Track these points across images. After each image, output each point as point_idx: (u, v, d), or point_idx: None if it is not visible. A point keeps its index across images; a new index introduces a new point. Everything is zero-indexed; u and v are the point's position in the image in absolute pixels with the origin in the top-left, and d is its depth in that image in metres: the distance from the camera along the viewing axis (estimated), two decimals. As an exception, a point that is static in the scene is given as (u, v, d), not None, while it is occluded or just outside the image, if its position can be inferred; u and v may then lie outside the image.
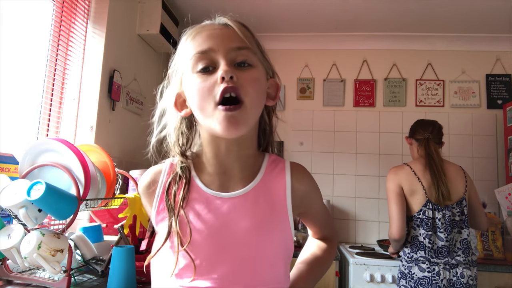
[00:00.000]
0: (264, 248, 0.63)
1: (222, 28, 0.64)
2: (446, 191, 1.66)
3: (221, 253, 0.61)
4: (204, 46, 0.61)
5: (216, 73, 0.60)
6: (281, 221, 0.65)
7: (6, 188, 0.98)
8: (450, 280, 1.62)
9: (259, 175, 0.68)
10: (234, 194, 0.65)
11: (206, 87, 0.60)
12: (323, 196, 2.55)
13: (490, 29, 2.51)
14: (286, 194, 0.67)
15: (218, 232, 0.62)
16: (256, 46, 0.66)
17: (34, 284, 1.04)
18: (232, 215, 0.63)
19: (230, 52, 0.61)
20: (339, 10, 2.36)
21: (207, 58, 0.61)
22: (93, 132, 1.74)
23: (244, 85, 0.60)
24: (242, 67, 0.62)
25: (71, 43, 1.71)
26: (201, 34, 0.63)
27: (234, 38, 0.63)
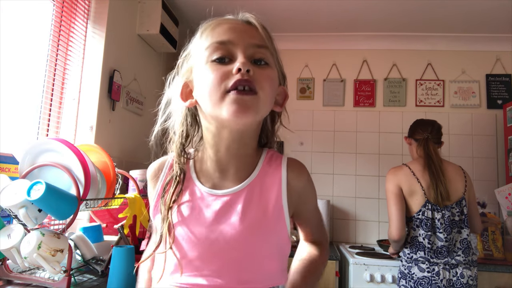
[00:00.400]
0: (256, 246, 0.62)
1: (244, 24, 0.63)
2: (445, 191, 1.66)
3: (212, 251, 0.61)
4: (223, 37, 0.61)
5: (232, 64, 0.59)
6: (276, 218, 0.64)
7: (6, 188, 0.98)
8: (450, 280, 1.62)
9: (255, 172, 0.67)
10: (227, 192, 0.64)
11: (219, 76, 0.58)
12: (323, 196, 2.54)
13: (490, 29, 2.51)
14: (281, 191, 0.65)
15: (209, 229, 0.62)
16: (274, 50, 0.66)
17: (34, 284, 1.04)
18: (224, 212, 0.62)
19: (249, 48, 0.61)
20: (339, 10, 2.36)
21: (225, 49, 0.60)
22: (93, 132, 1.74)
23: (260, 80, 0.59)
24: (259, 65, 0.61)
25: (71, 43, 1.71)
26: (222, 26, 0.63)
27: (255, 35, 0.62)
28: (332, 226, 2.58)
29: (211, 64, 0.60)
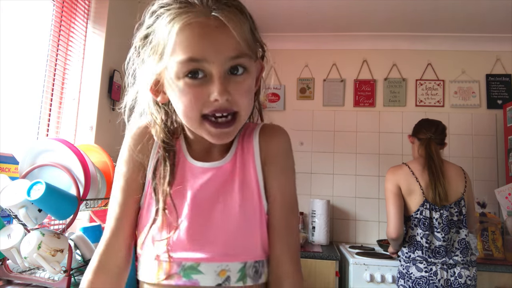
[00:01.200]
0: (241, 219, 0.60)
1: (216, 26, 0.54)
2: (443, 191, 1.66)
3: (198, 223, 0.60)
4: (195, 53, 0.54)
5: (207, 83, 0.55)
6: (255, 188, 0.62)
7: (6, 188, 0.98)
8: (447, 280, 1.62)
9: (234, 146, 0.65)
10: (213, 165, 0.63)
11: (194, 98, 0.55)
12: (323, 196, 2.53)
13: (490, 29, 2.51)
14: (255, 158, 0.63)
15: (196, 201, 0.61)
16: (249, 29, 0.59)
17: (34, 284, 1.04)
18: (212, 186, 0.61)
19: (226, 63, 0.55)
20: (339, 10, 2.36)
21: (199, 66, 0.54)
22: (93, 132, 1.74)
23: (238, 100, 0.56)
24: (235, 74, 0.57)
25: (71, 43, 1.71)
26: (191, 28, 0.54)
27: (230, 44, 0.55)
28: (332, 226, 2.58)
29: (185, 81, 0.55)
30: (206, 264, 0.58)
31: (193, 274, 0.58)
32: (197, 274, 0.58)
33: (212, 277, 0.58)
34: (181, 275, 0.58)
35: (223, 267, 0.59)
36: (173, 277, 0.59)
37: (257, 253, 0.62)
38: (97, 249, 0.64)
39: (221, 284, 0.58)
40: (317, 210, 2.39)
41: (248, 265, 0.60)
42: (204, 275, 0.58)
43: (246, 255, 0.60)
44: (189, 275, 0.58)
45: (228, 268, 0.59)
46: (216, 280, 0.58)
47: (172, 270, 0.59)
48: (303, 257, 2.01)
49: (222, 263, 0.59)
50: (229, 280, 0.59)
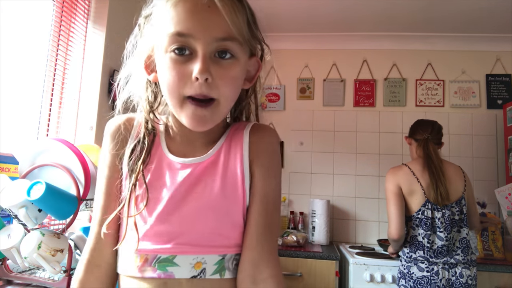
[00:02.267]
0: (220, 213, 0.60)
1: (209, 6, 0.54)
2: (444, 191, 1.67)
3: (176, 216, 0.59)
4: (183, 28, 0.54)
5: (191, 61, 0.55)
6: (241, 184, 0.62)
7: (6, 188, 0.98)
8: (449, 280, 1.62)
9: (220, 141, 0.65)
10: (194, 160, 0.62)
11: (178, 75, 0.55)
12: (323, 196, 2.53)
13: (490, 29, 2.51)
14: (243, 155, 0.62)
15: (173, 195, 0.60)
16: (247, 22, 0.60)
17: (34, 284, 1.04)
18: (192, 180, 0.61)
19: (212, 43, 0.55)
20: (339, 10, 2.36)
21: (185, 42, 0.55)
22: (93, 132, 1.74)
23: (219, 85, 0.56)
24: (222, 58, 0.56)
25: (71, 43, 1.71)
26: (184, 4, 0.55)
27: (219, 24, 0.55)
28: (332, 226, 2.58)
29: (170, 56, 0.56)
30: (182, 256, 0.58)
31: (168, 267, 0.58)
32: (172, 267, 0.58)
33: (187, 270, 0.58)
34: (155, 267, 0.58)
35: (199, 259, 0.58)
36: (148, 269, 0.58)
37: (238, 246, 0.61)
38: (85, 247, 0.66)
39: (196, 276, 0.58)
40: (317, 210, 2.39)
41: (227, 257, 0.60)
42: (180, 267, 0.58)
43: (225, 247, 0.60)
44: (164, 267, 0.58)
45: (204, 260, 0.58)
46: (191, 272, 0.58)
47: (147, 263, 0.59)
48: (303, 257, 2.01)
49: (198, 256, 0.58)
50: (204, 273, 0.58)
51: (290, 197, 2.67)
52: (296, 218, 2.55)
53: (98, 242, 0.64)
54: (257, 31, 0.63)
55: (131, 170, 0.62)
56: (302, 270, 1.99)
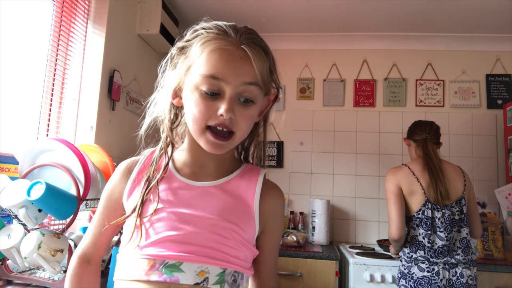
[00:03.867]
0: (223, 233, 0.66)
1: (241, 57, 0.64)
2: (444, 191, 1.67)
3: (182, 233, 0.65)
4: (218, 73, 0.63)
5: (219, 100, 0.64)
6: (247, 217, 0.69)
7: (6, 188, 0.98)
8: (449, 280, 1.62)
9: (232, 175, 0.73)
10: (204, 184, 0.71)
11: (204, 109, 0.64)
12: (323, 196, 2.54)
13: (490, 29, 2.51)
14: (254, 199, 0.71)
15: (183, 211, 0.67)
16: (268, 68, 0.69)
17: (34, 284, 1.04)
18: (200, 199, 0.68)
19: (239, 87, 0.64)
20: (339, 10, 2.36)
21: (216, 85, 0.63)
22: (93, 132, 1.74)
23: (239, 122, 0.65)
24: (244, 103, 0.65)
25: (71, 43, 1.72)
26: (221, 52, 0.63)
27: (248, 72, 0.64)
28: (332, 226, 2.58)
29: (201, 92, 0.64)
30: (188, 264, 0.63)
31: (174, 272, 0.63)
32: (178, 272, 0.63)
33: (191, 276, 0.63)
34: (162, 271, 0.63)
35: (203, 268, 0.64)
36: (154, 273, 0.63)
37: (238, 265, 0.67)
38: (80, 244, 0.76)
39: (199, 283, 0.63)
40: (317, 210, 2.39)
41: (227, 272, 0.66)
42: (185, 274, 0.63)
43: (226, 262, 0.66)
44: (171, 272, 0.63)
45: (207, 270, 0.64)
46: (195, 279, 0.63)
47: (154, 267, 0.63)
48: (303, 257, 2.01)
49: (202, 265, 0.64)
50: (207, 281, 0.63)
51: (290, 197, 2.67)
52: (296, 218, 2.55)
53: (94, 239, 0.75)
54: (275, 75, 0.73)
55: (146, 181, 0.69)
56: (302, 270, 1.99)
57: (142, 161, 0.75)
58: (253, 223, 0.70)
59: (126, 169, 0.75)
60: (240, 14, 2.44)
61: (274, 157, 2.70)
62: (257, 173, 0.75)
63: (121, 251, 0.69)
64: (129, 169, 0.74)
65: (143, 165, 0.74)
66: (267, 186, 0.74)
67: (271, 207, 0.73)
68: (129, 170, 0.74)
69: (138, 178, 0.71)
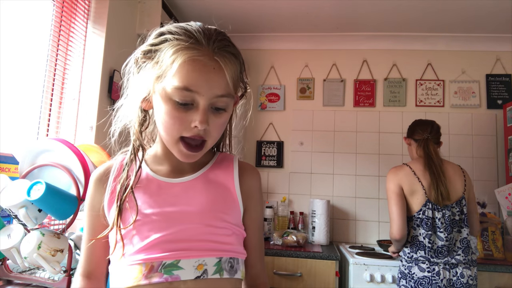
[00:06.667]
0: (212, 222, 0.68)
1: (214, 68, 0.63)
2: (445, 191, 1.66)
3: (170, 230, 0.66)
4: (191, 84, 0.62)
5: (192, 111, 0.64)
6: (231, 202, 0.72)
7: (6, 188, 0.98)
8: (450, 280, 1.62)
9: (207, 166, 0.75)
10: (184, 179, 0.72)
11: (178, 121, 0.64)
12: (323, 196, 2.54)
13: (490, 29, 2.51)
14: (234, 183, 0.73)
15: (169, 209, 0.68)
16: (239, 71, 0.69)
17: (34, 284, 1.04)
18: (185, 195, 0.69)
19: (213, 99, 0.64)
20: (339, 10, 2.36)
21: (190, 96, 0.62)
22: (93, 132, 1.74)
23: (212, 130, 0.66)
24: (217, 111, 0.66)
25: (71, 43, 1.71)
26: (193, 63, 0.62)
27: (221, 84, 0.64)
28: (332, 226, 2.58)
29: (173, 105, 0.63)
30: (185, 260, 0.65)
31: (173, 270, 0.65)
32: (177, 270, 0.65)
33: (191, 271, 0.65)
34: (162, 272, 0.64)
35: (200, 261, 0.66)
36: (154, 275, 0.64)
37: (232, 251, 0.70)
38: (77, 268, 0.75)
39: (199, 276, 0.65)
40: (317, 210, 2.39)
41: (223, 260, 0.68)
42: (184, 270, 0.65)
43: (220, 251, 0.68)
44: (170, 272, 0.64)
45: (204, 262, 0.66)
46: (195, 273, 0.65)
47: (153, 270, 0.64)
48: (303, 257, 2.01)
49: (199, 258, 0.66)
50: (206, 273, 0.66)
51: (290, 197, 2.67)
52: (296, 218, 2.55)
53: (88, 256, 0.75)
54: (244, 74, 0.73)
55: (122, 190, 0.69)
56: (302, 270, 1.99)
57: (115, 169, 0.74)
58: (238, 206, 0.73)
59: (98, 180, 0.74)
60: (240, 14, 2.44)
61: (274, 157, 2.70)
62: (231, 159, 0.78)
63: (111, 263, 0.70)
64: (102, 179, 0.73)
65: (116, 173, 0.73)
66: (243, 168, 0.77)
67: (249, 185, 0.76)
68: (103, 180, 0.73)
69: (114, 189, 0.71)
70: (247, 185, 0.75)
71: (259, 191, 0.79)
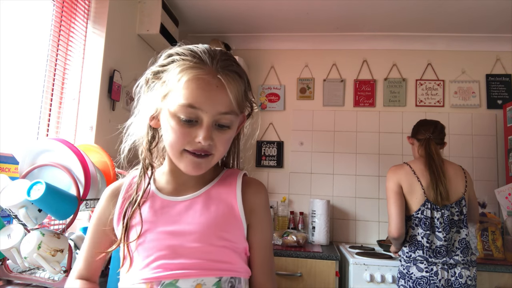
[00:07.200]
0: (213, 240, 0.68)
1: (217, 86, 0.65)
2: (444, 191, 1.67)
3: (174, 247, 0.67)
4: (195, 102, 0.64)
5: (196, 126, 0.66)
6: (233, 220, 0.71)
7: (6, 188, 0.98)
8: (448, 280, 1.62)
9: (211, 183, 0.75)
10: (187, 197, 0.72)
11: (182, 136, 0.66)
12: (323, 196, 2.54)
13: (490, 29, 2.51)
14: (236, 199, 0.72)
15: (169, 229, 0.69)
16: (243, 90, 0.70)
17: (34, 284, 1.04)
18: (185, 214, 0.70)
19: (216, 116, 0.66)
20: (339, 10, 2.36)
21: (194, 113, 0.65)
22: (93, 132, 1.74)
23: (217, 145, 0.67)
24: (221, 128, 0.68)
25: (71, 43, 1.72)
26: (198, 81, 0.64)
27: (224, 101, 0.66)
28: (332, 226, 2.58)
29: (178, 121, 0.66)
30: (183, 280, 0.65)
31: None
32: None
33: None
34: None
35: (199, 281, 0.66)
36: None
37: (232, 270, 0.69)
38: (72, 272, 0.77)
39: None
40: (317, 210, 2.39)
41: (223, 280, 0.67)
42: None
43: (220, 271, 0.67)
44: None
45: (203, 282, 0.66)
46: None
47: None
48: (303, 257, 2.01)
49: (198, 278, 0.66)
50: None
51: (290, 197, 2.67)
52: (296, 218, 2.55)
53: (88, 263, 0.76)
54: (250, 94, 0.75)
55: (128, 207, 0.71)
56: (302, 270, 1.99)
57: (125, 186, 0.77)
58: (240, 223, 0.72)
59: (111, 195, 0.77)
60: (240, 14, 2.44)
61: (274, 157, 2.70)
62: (235, 174, 0.77)
63: (120, 278, 0.72)
64: (114, 194, 0.76)
65: (126, 190, 0.76)
66: (247, 183, 0.75)
67: (253, 202, 0.74)
68: (114, 195, 0.76)
69: (123, 205, 0.74)
70: (251, 202, 0.74)
71: (264, 207, 0.76)
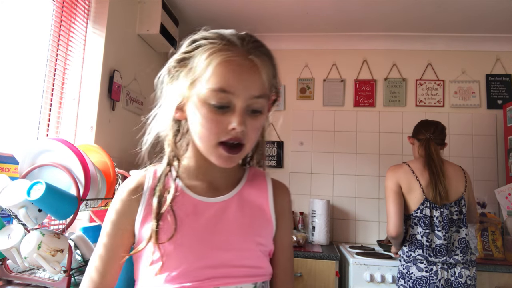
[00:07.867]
0: (248, 246, 0.67)
1: (250, 68, 0.62)
2: (444, 191, 1.67)
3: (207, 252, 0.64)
4: (227, 85, 0.60)
5: (229, 114, 0.62)
6: (266, 223, 0.71)
7: (6, 188, 0.98)
8: (448, 280, 1.62)
9: (241, 184, 0.73)
10: (219, 199, 0.69)
11: (215, 125, 0.62)
12: (323, 196, 2.54)
13: (490, 29, 2.51)
14: (269, 203, 0.72)
15: (206, 234, 0.65)
16: (273, 75, 0.68)
17: (34, 284, 1.04)
18: (221, 218, 0.67)
19: (249, 100, 0.62)
20: (339, 10, 2.36)
21: (225, 98, 0.61)
22: (93, 132, 1.74)
23: (249, 133, 0.63)
24: (253, 114, 0.64)
25: (71, 43, 1.72)
26: (229, 64, 0.61)
27: (257, 85, 0.63)
28: (332, 226, 2.58)
29: (209, 108, 0.62)
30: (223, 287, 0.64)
31: None
32: None
33: None
34: None
35: None
36: None
37: (264, 275, 0.69)
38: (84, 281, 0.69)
39: None
40: (317, 210, 2.39)
41: (258, 285, 0.67)
42: None
43: (255, 277, 0.67)
44: None
45: None
46: None
47: None
48: (303, 257, 2.01)
49: (236, 285, 0.65)
50: None
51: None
52: (296, 218, 2.55)
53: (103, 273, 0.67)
54: (277, 78, 0.72)
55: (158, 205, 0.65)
56: (302, 270, 1.99)
57: (149, 182, 0.69)
58: (271, 226, 0.71)
59: (133, 191, 0.68)
60: (240, 14, 2.44)
61: (274, 157, 2.70)
62: (263, 176, 0.76)
63: (142, 279, 0.66)
64: (136, 191, 0.68)
65: (151, 187, 0.68)
66: (276, 187, 0.76)
67: (282, 205, 0.74)
68: (137, 191, 0.68)
69: (149, 203, 0.66)
70: (280, 205, 0.74)
71: (290, 210, 0.78)
